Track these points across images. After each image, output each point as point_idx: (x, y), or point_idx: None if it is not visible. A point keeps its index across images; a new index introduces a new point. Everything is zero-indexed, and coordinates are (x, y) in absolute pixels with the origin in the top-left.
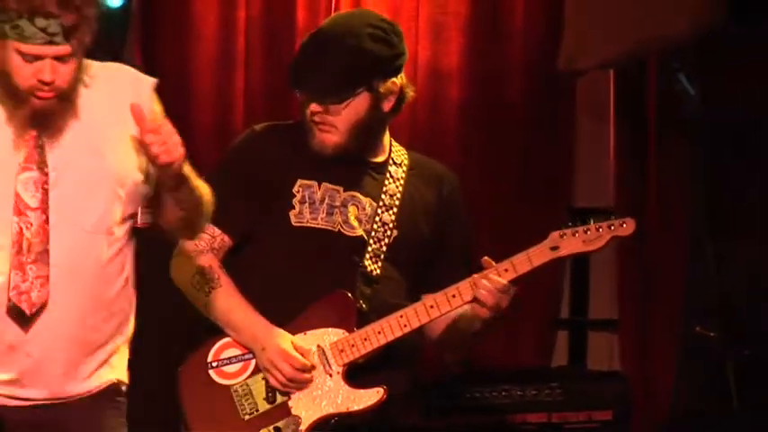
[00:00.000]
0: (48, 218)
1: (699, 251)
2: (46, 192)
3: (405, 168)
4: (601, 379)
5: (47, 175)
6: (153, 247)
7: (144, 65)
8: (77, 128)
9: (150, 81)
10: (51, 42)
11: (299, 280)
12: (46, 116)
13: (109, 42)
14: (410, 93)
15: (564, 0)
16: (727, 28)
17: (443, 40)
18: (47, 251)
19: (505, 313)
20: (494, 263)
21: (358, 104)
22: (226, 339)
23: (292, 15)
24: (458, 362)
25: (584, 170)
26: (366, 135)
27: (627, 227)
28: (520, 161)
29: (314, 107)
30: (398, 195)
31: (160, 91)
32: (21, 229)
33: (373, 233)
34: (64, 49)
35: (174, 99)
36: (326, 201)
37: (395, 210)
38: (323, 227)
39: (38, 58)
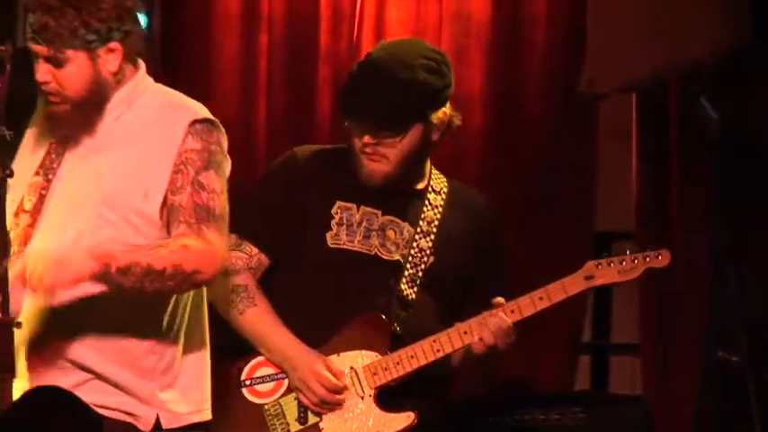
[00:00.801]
0: (34, 222)
1: (721, 274)
2: (42, 198)
3: (444, 196)
4: (623, 403)
5: (49, 182)
6: None
7: None
8: (91, 144)
9: (187, 118)
10: (33, 39)
11: (333, 301)
12: (57, 123)
13: None
14: (456, 121)
15: (585, 24)
16: (749, 50)
17: (465, 64)
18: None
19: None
20: (504, 301)
21: (411, 136)
22: (260, 358)
23: (315, 40)
24: (477, 385)
25: (606, 193)
26: (414, 164)
27: (662, 258)
28: (541, 185)
29: (367, 139)
30: (436, 222)
31: None
32: (10, 229)
33: (410, 258)
34: (41, 48)
35: None
36: (364, 224)
37: (432, 236)
38: (359, 250)
39: (36, 55)
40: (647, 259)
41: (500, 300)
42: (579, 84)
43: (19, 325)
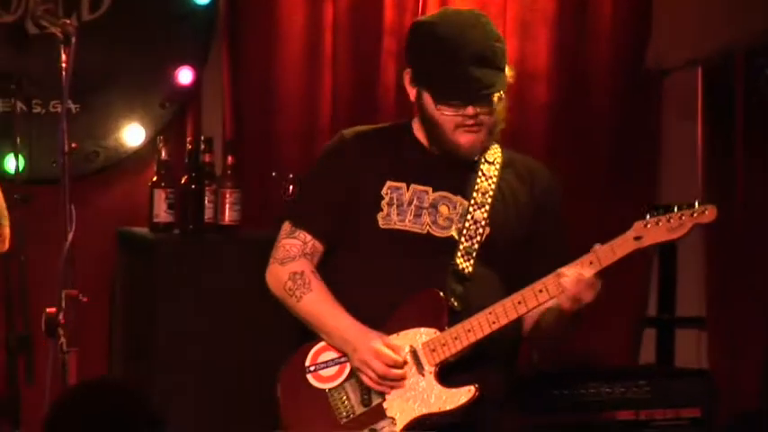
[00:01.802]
0: None
1: None
2: None
3: (498, 166)
4: (688, 377)
5: None
6: (251, 252)
7: (230, 63)
8: None
9: None
10: None
11: (389, 282)
12: None
13: (196, 41)
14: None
15: None
16: None
17: (531, 40)
18: None
19: (588, 308)
20: (599, 244)
21: (502, 100)
22: (322, 343)
23: (379, 14)
24: (546, 360)
25: (671, 168)
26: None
27: (708, 213)
28: (606, 159)
29: (471, 110)
30: (491, 193)
31: (248, 88)
32: None
33: (465, 231)
34: None
35: (260, 98)
36: (414, 202)
37: (487, 207)
38: (410, 229)
39: None
40: (694, 215)
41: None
42: (645, 59)
43: (85, 299)
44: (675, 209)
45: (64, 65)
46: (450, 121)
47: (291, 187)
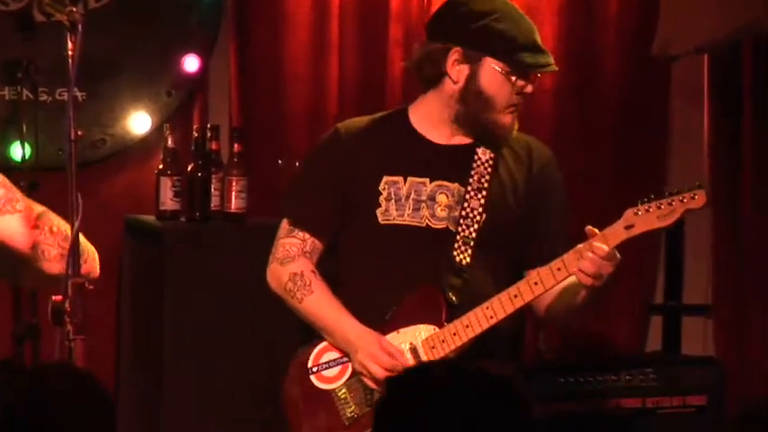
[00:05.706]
0: None
1: None
2: None
3: (493, 148)
4: (695, 364)
5: None
6: (257, 240)
7: (237, 51)
8: None
9: None
10: None
11: (391, 278)
12: None
13: (203, 28)
14: None
15: None
16: None
17: (537, 25)
18: None
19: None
20: (597, 231)
21: None
22: (324, 343)
23: (385, 1)
24: (552, 349)
25: (678, 155)
26: None
27: (698, 199)
28: (613, 146)
29: (530, 88)
30: (487, 177)
31: (255, 76)
32: None
33: (461, 220)
34: None
35: (267, 85)
36: (412, 196)
37: (484, 192)
38: (409, 223)
39: None
40: (684, 200)
41: (591, 228)
42: (652, 46)
43: (91, 285)
44: (666, 194)
45: (70, 53)
46: (507, 98)
47: None
